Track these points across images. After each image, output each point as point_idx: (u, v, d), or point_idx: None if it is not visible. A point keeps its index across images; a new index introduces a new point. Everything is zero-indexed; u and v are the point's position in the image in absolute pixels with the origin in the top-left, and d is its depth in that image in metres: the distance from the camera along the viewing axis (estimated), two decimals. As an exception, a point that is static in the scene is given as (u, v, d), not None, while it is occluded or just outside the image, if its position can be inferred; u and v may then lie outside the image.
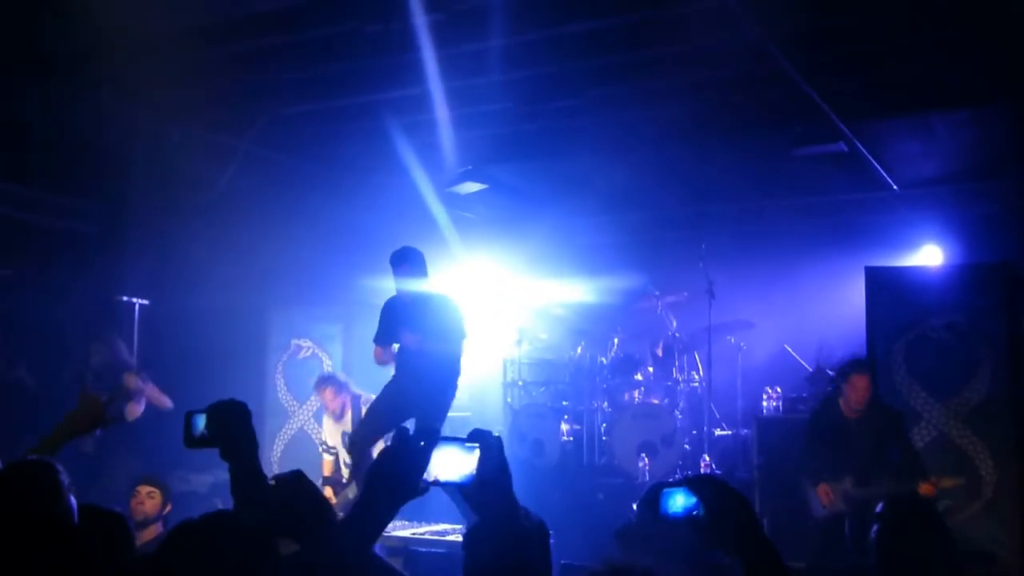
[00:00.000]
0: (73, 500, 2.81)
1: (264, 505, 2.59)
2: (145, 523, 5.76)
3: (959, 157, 8.78)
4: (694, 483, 2.17)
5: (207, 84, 7.19)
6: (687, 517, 2.15)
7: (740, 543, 2.11)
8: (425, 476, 2.15)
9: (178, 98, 7.30)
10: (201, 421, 2.61)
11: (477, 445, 2.17)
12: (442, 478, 2.17)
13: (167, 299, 8.60)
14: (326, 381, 8.30)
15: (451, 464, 2.17)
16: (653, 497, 2.19)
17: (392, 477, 2.13)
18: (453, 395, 6.92)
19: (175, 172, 8.07)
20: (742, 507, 2.13)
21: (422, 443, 2.15)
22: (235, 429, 2.59)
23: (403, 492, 2.15)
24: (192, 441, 2.62)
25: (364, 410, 7.96)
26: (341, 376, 8.46)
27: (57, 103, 7.07)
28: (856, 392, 6.59)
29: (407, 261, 6.61)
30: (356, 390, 8.26)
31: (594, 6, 6.05)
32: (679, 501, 2.16)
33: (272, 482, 2.77)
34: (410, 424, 6.84)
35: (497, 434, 2.20)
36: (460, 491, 2.21)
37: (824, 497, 6.51)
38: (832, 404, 6.83)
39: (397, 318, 6.80)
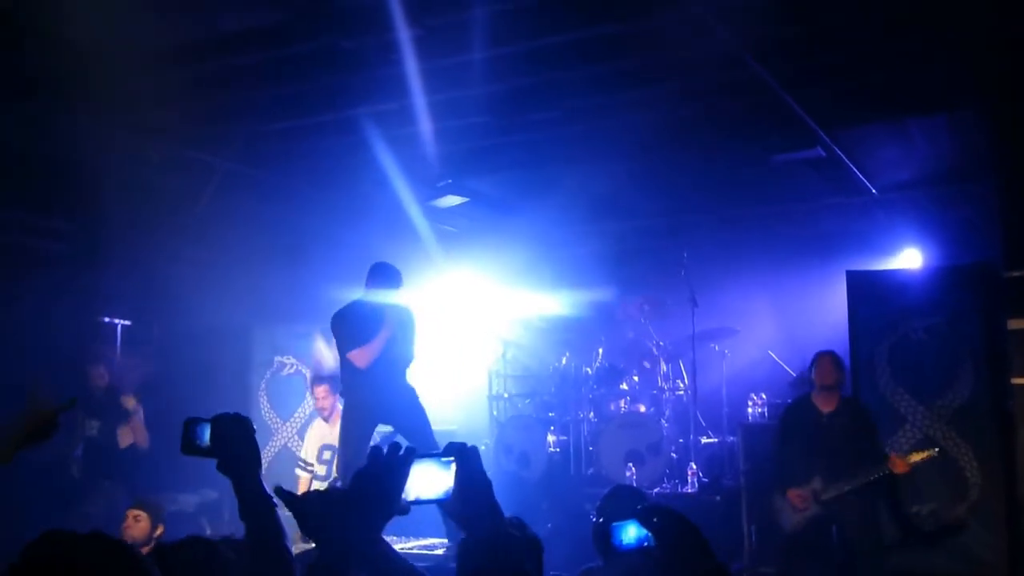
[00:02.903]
0: None
1: (275, 523, 2.50)
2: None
3: (936, 161, 8.83)
4: (644, 515, 2.16)
5: (185, 103, 7.16)
6: (640, 548, 2.15)
7: (692, 571, 2.11)
8: (403, 495, 2.06)
9: (156, 117, 7.28)
10: (206, 431, 2.52)
11: (453, 459, 2.09)
12: (419, 496, 2.07)
13: (149, 319, 8.55)
14: (323, 379, 8.27)
15: (428, 481, 2.08)
16: (605, 533, 2.20)
17: (370, 498, 2.06)
18: None
19: (154, 191, 8.03)
20: (692, 535, 2.13)
21: (397, 460, 2.05)
22: (240, 444, 2.50)
23: (383, 512, 2.08)
24: (193, 449, 2.52)
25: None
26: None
27: (34, 123, 7.03)
28: (821, 370, 6.77)
29: (382, 275, 6.85)
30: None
31: (570, 19, 6.06)
32: (631, 533, 2.16)
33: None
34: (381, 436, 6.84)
35: (479, 446, 2.14)
36: (440, 508, 2.14)
37: (798, 501, 6.53)
38: (805, 401, 6.90)
39: (366, 320, 6.79)
